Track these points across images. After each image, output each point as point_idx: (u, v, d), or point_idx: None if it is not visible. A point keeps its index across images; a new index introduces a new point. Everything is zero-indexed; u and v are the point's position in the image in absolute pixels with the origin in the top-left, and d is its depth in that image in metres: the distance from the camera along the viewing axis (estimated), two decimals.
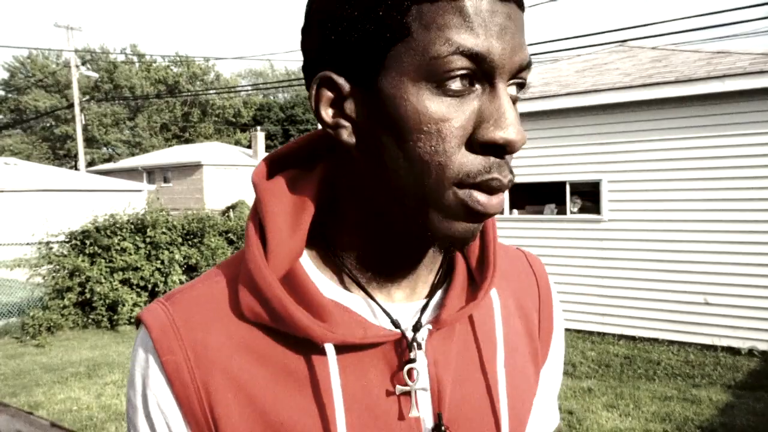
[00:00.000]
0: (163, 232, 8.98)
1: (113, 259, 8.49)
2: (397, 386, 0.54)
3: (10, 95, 41.64)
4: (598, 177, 6.85)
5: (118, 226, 8.73)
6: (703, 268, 6.27)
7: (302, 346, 0.53)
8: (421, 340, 0.55)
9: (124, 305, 8.27)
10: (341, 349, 0.53)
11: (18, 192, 16.47)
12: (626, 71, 7.13)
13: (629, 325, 6.79)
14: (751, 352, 6.01)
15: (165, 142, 44.21)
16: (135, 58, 45.54)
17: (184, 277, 8.90)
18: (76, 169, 27.17)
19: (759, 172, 5.90)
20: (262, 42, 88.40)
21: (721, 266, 6.15)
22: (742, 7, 9.06)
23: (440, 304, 0.58)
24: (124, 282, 8.52)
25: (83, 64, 32.75)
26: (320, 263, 0.57)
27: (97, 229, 8.62)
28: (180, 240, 9.21)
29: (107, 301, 8.26)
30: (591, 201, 7.04)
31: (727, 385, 5.25)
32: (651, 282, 6.59)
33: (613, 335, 6.89)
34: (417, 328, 0.55)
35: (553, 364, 0.69)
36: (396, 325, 0.55)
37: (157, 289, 8.72)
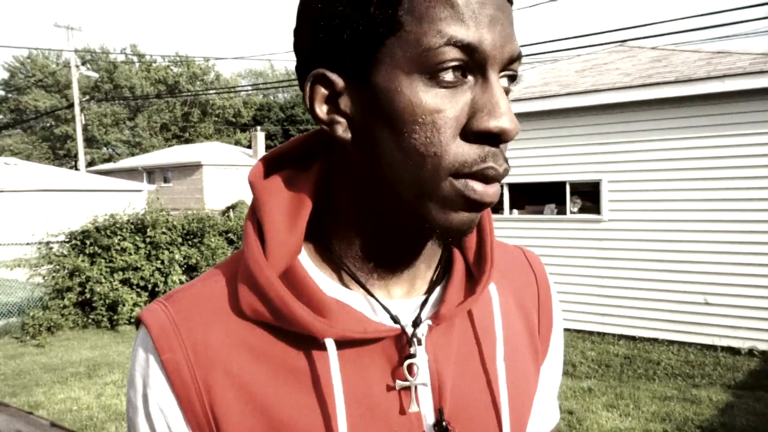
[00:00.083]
0: (163, 232, 8.98)
1: (113, 259, 8.50)
2: (397, 381, 0.54)
3: (10, 95, 41.64)
4: (598, 177, 6.85)
5: (118, 226, 8.73)
6: (703, 268, 6.27)
7: (302, 343, 0.53)
8: (421, 335, 0.55)
9: (124, 305, 8.28)
10: (341, 345, 0.53)
11: (18, 192, 16.46)
12: (626, 71, 7.13)
13: (629, 325, 6.79)
14: (751, 352, 6.01)
15: (165, 142, 44.21)
16: (135, 58, 45.56)
17: (184, 277, 8.90)
18: (76, 169, 27.18)
19: (759, 172, 5.90)
20: (262, 42, 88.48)
21: (721, 266, 6.15)
22: (742, 7, 9.07)
23: (439, 300, 0.58)
24: (124, 282, 8.52)
25: (83, 64, 32.78)
26: (319, 261, 0.57)
27: (97, 229, 8.62)
28: (180, 240, 9.21)
29: (107, 301, 8.26)
30: (591, 201, 7.04)
31: (727, 385, 5.25)
32: (651, 282, 6.59)
33: (613, 335, 6.89)
34: (417, 324, 0.56)
35: (553, 361, 0.69)
36: (396, 321, 0.55)
37: (157, 289, 8.72)
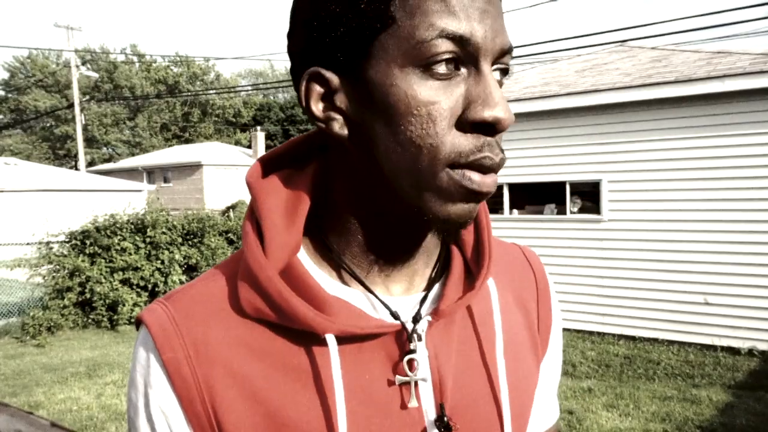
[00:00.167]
0: (163, 232, 8.99)
1: (113, 259, 8.50)
2: (397, 377, 0.54)
3: (10, 95, 41.64)
4: (598, 177, 6.85)
5: (118, 226, 8.73)
6: (703, 268, 6.27)
7: (303, 339, 0.53)
8: (421, 331, 0.56)
9: (124, 305, 8.28)
10: (342, 341, 0.53)
11: (18, 192, 16.46)
12: (626, 71, 7.13)
13: (629, 325, 6.79)
14: (751, 352, 6.01)
15: (165, 142, 44.20)
16: (135, 58, 45.55)
17: (184, 277, 8.90)
18: (76, 169, 27.20)
19: (759, 172, 5.90)
20: (262, 42, 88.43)
21: (721, 266, 6.15)
22: (742, 7, 9.07)
23: (439, 296, 0.58)
24: (124, 282, 8.53)
25: (83, 64, 32.77)
26: (318, 259, 0.57)
27: (97, 229, 8.63)
28: (180, 240, 9.22)
29: (107, 301, 8.26)
30: (591, 201, 7.04)
31: (727, 385, 5.25)
32: (651, 282, 6.59)
33: (613, 335, 6.89)
34: (416, 320, 0.56)
35: (553, 356, 0.69)
36: (396, 317, 0.55)
37: (157, 289, 8.73)
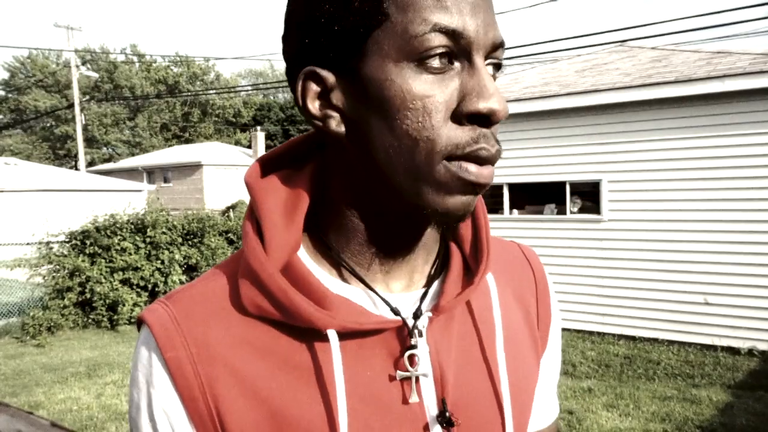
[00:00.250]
0: (163, 232, 8.99)
1: (113, 259, 8.50)
2: (398, 372, 0.55)
3: (10, 95, 41.63)
4: (598, 177, 6.85)
5: (118, 226, 8.73)
6: (703, 268, 6.27)
7: (304, 336, 0.53)
8: (422, 327, 0.56)
9: (124, 305, 8.28)
10: (343, 337, 0.53)
11: (18, 192, 16.46)
12: (626, 71, 7.13)
13: (629, 325, 6.79)
14: (751, 352, 6.01)
15: (165, 142, 44.19)
16: (135, 58, 45.55)
17: (184, 277, 8.90)
18: (76, 169, 27.19)
19: (759, 172, 5.90)
20: (262, 42, 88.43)
21: (721, 266, 6.15)
22: (742, 7, 9.07)
23: (438, 293, 0.59)
24: (124, 282, 8.53)
25: (83, 64, 32.80)
26: (318, 258, 0.57)
27: (97, 229, 8.63)
28: (180, 240, 9.22)
29: (107, 301, 8.26)
30: (591, 201, 7.04)
31: (727, 385, 5.26)
32: (651, 282, 6.59)
33: (613, 335, 6.89)
34: (417, 316, 0.56)
35: (552, 353, 0.70)
36: (396, 313, 0.56)
37: (157, 289, 8.73)
